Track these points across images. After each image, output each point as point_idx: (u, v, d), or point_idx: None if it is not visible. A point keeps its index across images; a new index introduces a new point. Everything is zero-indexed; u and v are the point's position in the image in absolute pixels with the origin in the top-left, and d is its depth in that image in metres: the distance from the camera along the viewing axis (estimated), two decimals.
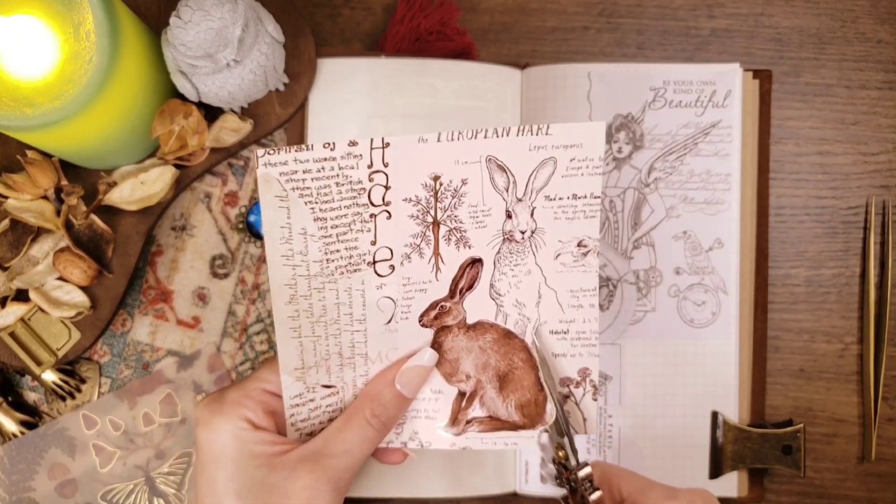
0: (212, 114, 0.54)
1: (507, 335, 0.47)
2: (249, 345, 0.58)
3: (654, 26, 0.60)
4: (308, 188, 0.41)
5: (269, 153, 0.40)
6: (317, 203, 0.41)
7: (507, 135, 0.41)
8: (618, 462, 0.56)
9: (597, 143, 0.42)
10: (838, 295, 0.59)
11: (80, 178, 0.54)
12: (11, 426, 0.56)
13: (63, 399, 0.57)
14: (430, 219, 0.43)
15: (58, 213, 0.53)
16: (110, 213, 0.54)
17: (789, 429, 0.56)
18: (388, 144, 0.41)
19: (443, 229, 0.43)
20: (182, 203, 0.58)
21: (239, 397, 0.43)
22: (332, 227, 0.42)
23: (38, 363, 0.54)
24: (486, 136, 0.41)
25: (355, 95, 0.56)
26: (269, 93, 0.55)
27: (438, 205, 0.43)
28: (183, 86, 0.51)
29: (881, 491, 0.59)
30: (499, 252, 0.45)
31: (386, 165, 0.41)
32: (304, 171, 0.40)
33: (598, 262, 0.46)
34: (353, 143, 0.40)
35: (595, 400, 0.48)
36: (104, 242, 0.54)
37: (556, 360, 0.47)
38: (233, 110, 0.55)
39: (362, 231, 0.42)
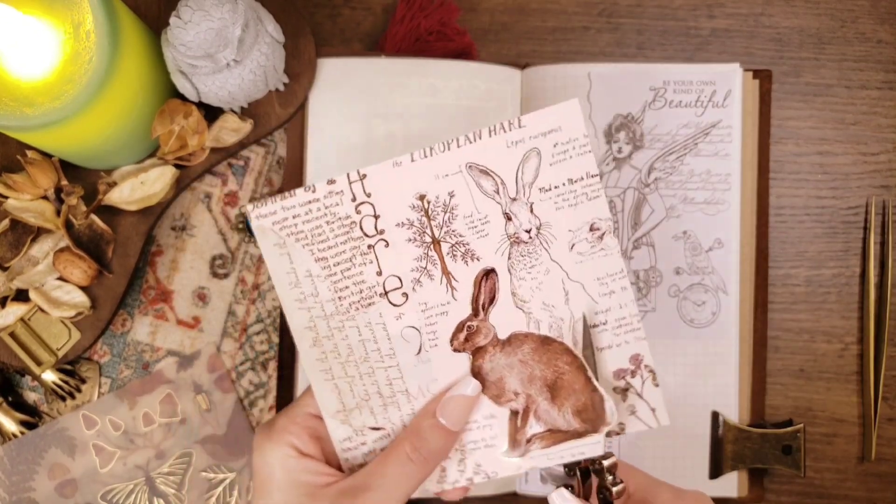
0: (212, 114, 0.54)
1: (545, 341, 0.44)
2: (249, 345, 0.58)
3: (654, 26, 0.60)
4: (302, 231, 0.41)
5: (257, 206, 0.41)
6: (313, 244, 0.42)
7: (480, 137, 0.41)
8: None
9: (575, 122, 0.41)
10: (838, 295, 0.59)
11: (80, 178, 0.54)
12: (11, 426, 0.56)
13: (63, 399, 0.57)
14: (428, 238, 0.42)
15: (58, 213, 0.53)
16: (110, 213, 0.54)
17: (789, 429, 0.56)
18: (364, 175, 0.41)
19: (445, 246, 0.43)
20: (182, 203, 0.58)
21: (286, 424, 0.43)
22: (334, 265, 0.42)
23: (38, 363, 0.54)
24: (459, 145, 0.41)
25: (355, 95, 0.56)
26: (269, 93, 0.55)
27: (432, 223, 0.42)
28: (183, 86, 0.51)
29: (881, 491, 0.59)
30: (510, 258, 0.43)
31: (369, 196, 0.41)
32: (293, 217, 0.41)
33: (617, 243, 0.43)
34: (331, 182, 0.41)
35: (657, 386, 0.45)
36: (104, 242, 0.54)
37: (601, 353, 0.45)
38: (233, 110, 0.55)
39: (365, 263, 0.42)
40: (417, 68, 0.56)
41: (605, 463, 0.44)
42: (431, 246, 0.42)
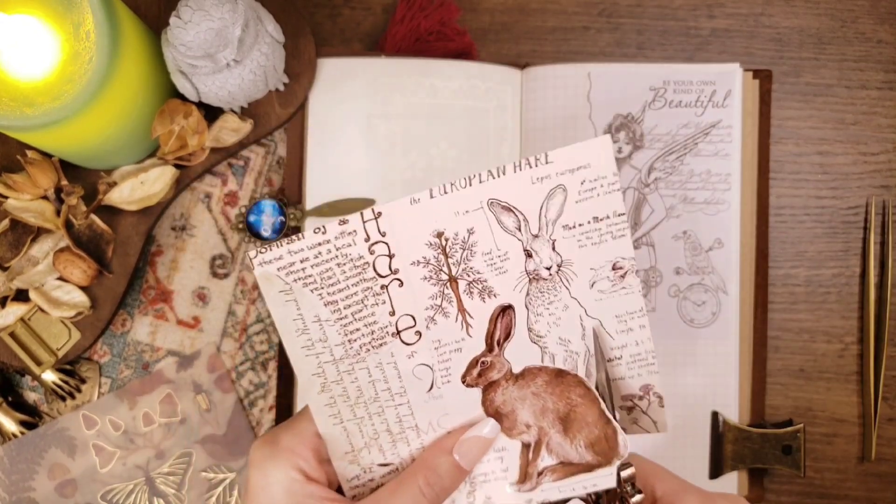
0: (212, 114, 0.54)
1: (559, 374, 0.44)
2: (249, 345, 0.58)
3: (654, 26, 0.60)
4: (310, 276, 0.39)
5: (261, 252, 0.39)
6: (323, 288, 0.40)
7: (504, 174, 0.39)
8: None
9: (605, 159, 0.40)
10: (838, 295, 0.59)
11: (80, 178, 0.54)
12: (11, 426, 0.56)
13: (63, 399, 0.57)
14: (444, 276, 0.41)
15: (58, 213, 0.53)
16: (110, 213, 0.54)
17: (789, 429, 0.56)
18: (379, 214, 0.39)
19: (461, 284, 0.41)
20: (182, 203, 0.58)
21: (293, 443, 0.42)
22: (345, 308, 0.40)
23: (38, 363, 0.54)
24: (481, 181, 0.39)
25: (355, 95, 0.56)
26: (269, 93, 0.55)
27: (450, 261, 0.41)
28: (183, 86, 0.51)
29: (881, 491, 0.59)
30: (528, 294, 0.42)
31: (383, 235, 0.40)
32: (301, 261, 0.39)
33: (639, 282, 0.42)
34: (343, 222, 0.39)
35: (662, 407, 0.45)
36: (104, 242, 0.54)
37: (614, 384, 0.45)
38: (233, 110, 0.55)
39: (377, 304, 0.41)
40: (417, 68, 0.56)
41: (623, 474, 0.43)
42: (448, 284, 0.41)
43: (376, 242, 0.40)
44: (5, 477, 0.56)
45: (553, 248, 0.42)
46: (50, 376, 0.56)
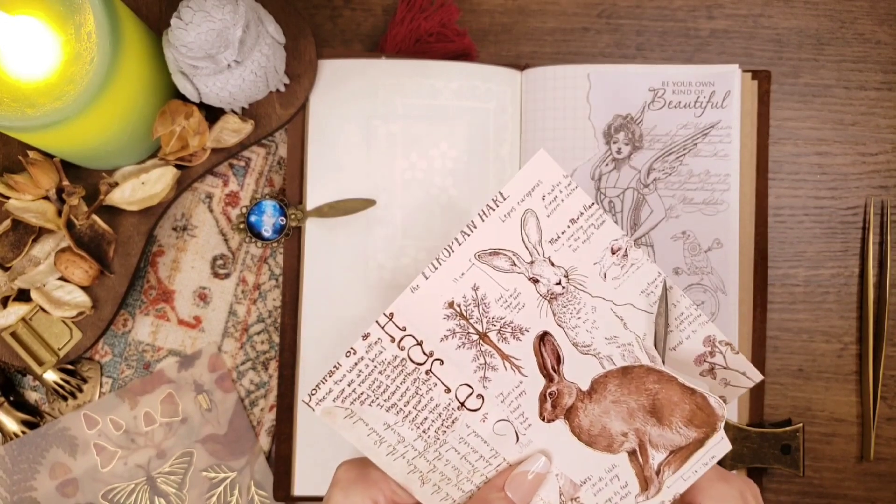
0: (213, 114, 0.55)
1: (625, 372, 0.44)
2: (250, 344, 0.58)
3: (654, 27, 0.61)
4: (362, 393, 0.42)
5: (312, 395, 0.42)
6: (378, 399, 0.42)
7: (476, 227, 0.41)
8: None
9: (550, 170, 0.41)
10: (837, 295, 0.60)
11: (82, 178, 0.54)
12: (13, 426, 0.56)
13: (64, 399, 0.57)
14: (475, 337, 0.43)
15: (59, 213, 0.53)
16: (111, 213, 0.54)
17: (788, 428, 0.56)
18: (392, 315, 0.42)
19: (493, 336, 0.43)
20: (183, 203, 0.58)
21: (380, 479, 0.43)
22: (405, 405, 0.43)
23: (40, 363, 0.54)
24: (460, 243, 0.42)
25: (356, 96, 0.56)
26: (270, 94, 0.55)
27: (472, 321, 0.42)
28: (184, 86, 0.51)
29: (880, 490, 0.59)
30: (554, 314, 0.43)
31: (404, 329, 0.42)
32: (348, 385, 0.42)
33: (641, 252, 0.43)
34: (365, 336, 0.42)
35: (737, 353, 0.45)
36: (105, 243, 0.54)
37: (675, 352, 0.45)
38: (234, 111, 0.55)
39: (431, 388, 0.43)
40: (418, 69, 0.56)
41: None
42: (481, 342, 0.43)
43: (402, 338, 0.42)
44: (7, 476, 0.56)
45: (552, 264, 0.43)
46: (51, 376, 0.56)
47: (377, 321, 0.41)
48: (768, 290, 0.59)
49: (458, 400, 0.43)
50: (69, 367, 0.57)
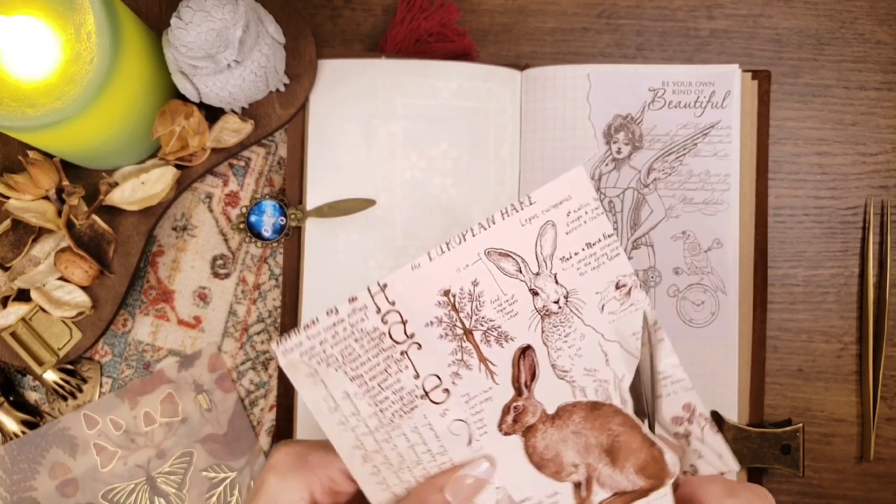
0: (213, 114, 0.55)
1: (594, 407, 0.43)
2: (250, 344, 0.58)
3: (654, 27, 0.61)
4: (332, 355, 0.41)
5: (281, 343, 0.40)
6: (345, 365, 0.41)
7: (494, 223, 0.41)
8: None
9: (584, 188, 0.41)
10: (837, 295, 0.60)
11: (82, 178, 0.54)
12: (13, 426, 0.56)
13: (64, 399, 0.57)
14: (459, 331, 0.42)
15: (59, 213, 0.53)
16: (111, 213, 0.54)
17: (788, 428, 0.56)
18: (385, 286, 0.40)
19: (477, 335, 0.42)
20: (183, 203, 0.58)
21: (318, 466, 0.42)
22: (370, 380, 0.41)
23: (40, 363, 0.54)
24: (474, 234, 0.41)
25: (355, 96, 0.56)
26: (270, 93, 0.55)
27: (461, 315, 0.42)
28: (184, 86, 0.51)
29: (880, 491, 0.59)
30: (543, 331, 0.43)
31: (393, 304, 0.41)
32: (320, 343, 0.40)
33: (645, 296, 0.43)
34: (353, 300, 0.40)
35: (717, 433, 0.45)
36: (105, 242, 0.54)
37: (658, 402, 0.45)
38: (234, 111, 0.55)
39: (400, 370, 0.42)
40: (417, 69, 0.56)
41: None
42: (464, 337, 0.42)
43: (388, 312, 0.41)
44: (7, 476, 0.56)
45: (556, 282, 0.42)
46: (51, 376, 0.56)
47: (368, 288, 0.40)
48: (768, 290, 0.59)
49: (424, 389, 0.42)
50: (69, 367, 0.57)
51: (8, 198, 0.53)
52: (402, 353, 0.41)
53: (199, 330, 0.58)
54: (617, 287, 0.43)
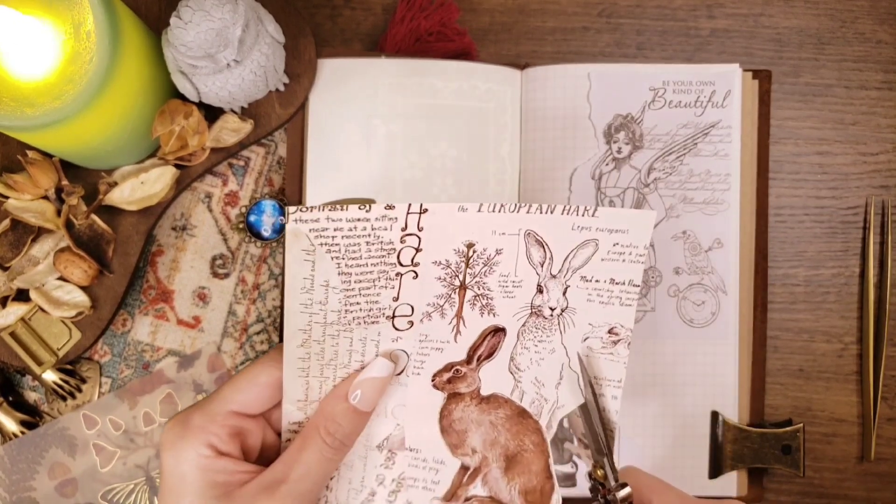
0: (212, 114, 0.54)
1: (522, 414, 0.44)
2: (250, 344, 0.58)
3: (654, 27, 0.60)
4: (337, 245, 0.40)
5: (301, 210, 0.39)
6: (343, 259, 0.41)
7: (552, 212, 0.41)
8: (618, 461, 0.56)
9: (644, 231, 0.41)
10: (838, 295, 0.60)
11: (81, 178, 0.54)
12: (12, 426, 0.56)
13: (63, 399, 0.57)
14: (457, 283, 0.42)
15: (58, 213, 0.53)
16: (111, 213, 0.54)
17: (789, 428, 0.56)
18: (425, 210, 0.40)
19: (469, 294, 0.43)
20: (182, 203, 0.58)
21: (204, 422, 0.41)
22: (355, 282, 0.41)
23: (39, 363, 0.54)
24: (528, 211, 0.41)
25: (355, 96, 0.56)
26: (270, 93, 0.55)
27: (469, 270, 0.42)
28: (183, 86, 0.51)
29: (880, 491, 0.59)
30: (524, 325, 0.43)
31: (420, 230, 0.41)
32: (335, 229, 0.40)
33: (627, 354, 0.43)
34: (389, 207, 0.40)
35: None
36: (105, 242, 0.54)
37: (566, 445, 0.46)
38: (233, 110, 0.55)
39: (386, 287, 0.42)
40: (417, 69, 0.56)
41: (620, 494, 0.42)
42: (457, 290, 0.43)
43: (410, 234, 0.41)
44: (6, 476, 0.56)
45: (564, 293, 0.43)
46: (50, 376, 0.56)
47: (409, 205, 0.40)
48: (769, 290, 0.59)
49: (394, 312, 0.43)
50: (68, 367, 0.57)
51: (7, 197, 0.53)
52: (396, 275, 0.42)
53: (199, 330, 0.58)
54: (610, 332, 0.44)
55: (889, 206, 0.60)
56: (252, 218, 0.57)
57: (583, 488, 0.56)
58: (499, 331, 0.43)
